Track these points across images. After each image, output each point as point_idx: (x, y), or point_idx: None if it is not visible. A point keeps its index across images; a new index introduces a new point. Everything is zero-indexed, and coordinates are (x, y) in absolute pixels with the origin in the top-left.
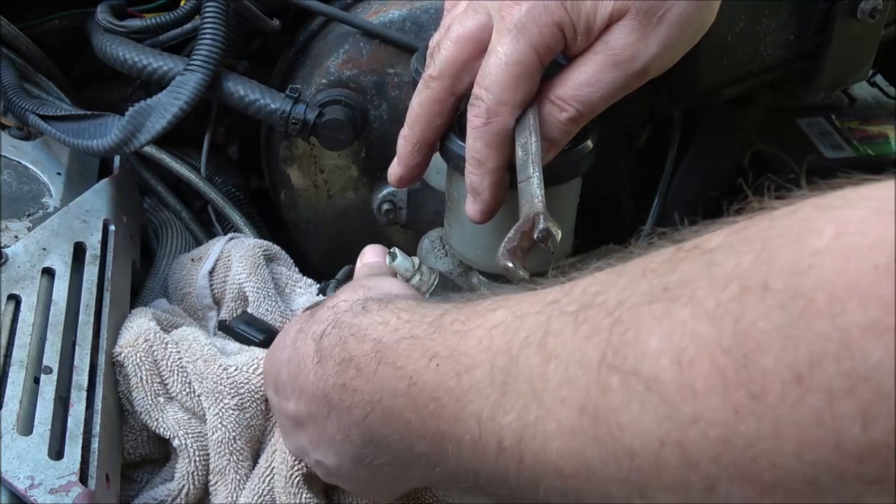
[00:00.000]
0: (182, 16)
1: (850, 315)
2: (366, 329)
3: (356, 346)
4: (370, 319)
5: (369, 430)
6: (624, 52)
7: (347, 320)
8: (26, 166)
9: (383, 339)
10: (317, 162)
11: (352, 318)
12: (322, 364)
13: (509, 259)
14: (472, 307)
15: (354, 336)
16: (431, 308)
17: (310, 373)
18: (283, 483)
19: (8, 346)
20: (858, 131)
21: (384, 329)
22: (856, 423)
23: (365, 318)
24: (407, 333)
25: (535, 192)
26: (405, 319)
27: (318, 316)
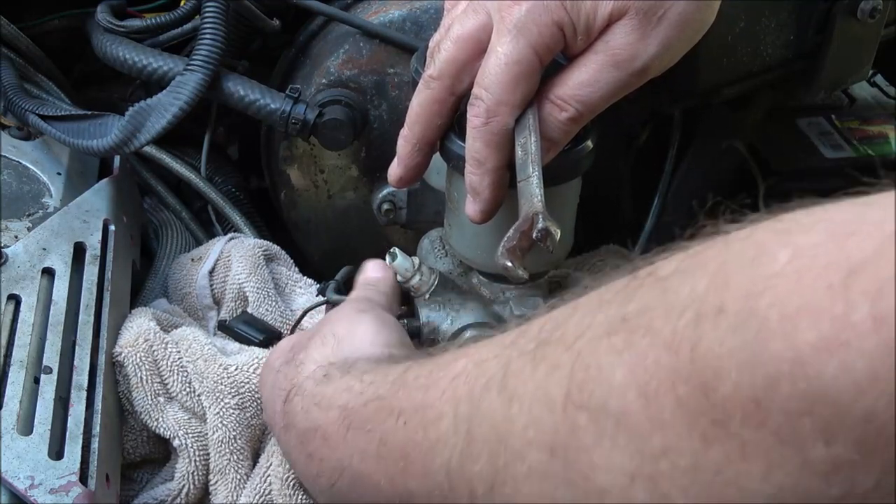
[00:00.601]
0: (182, 16)
1: (802, 334)
2: (330, 397)
3: (320, 415)
4: (333, 388)
5: (339, 494)
6: (624, 51)
7: (310, 389)
8: (26, 166)
9: (349, 404)
10: (317, 162)
11: (314, 386)
12: (287, 430)
13: (508, 259)
14: (434, 361)
15: (318, 406)
16: (393, 367)
17: (279, 427)
18: (280, 485)
19: (8, 346)
20: (858, 131)
21: (349, 395)
22: (818, 441)
23: (328, 386)
24: (372, 395)
25: (534, 192)
26: (368, 381)
27: (286, 371)
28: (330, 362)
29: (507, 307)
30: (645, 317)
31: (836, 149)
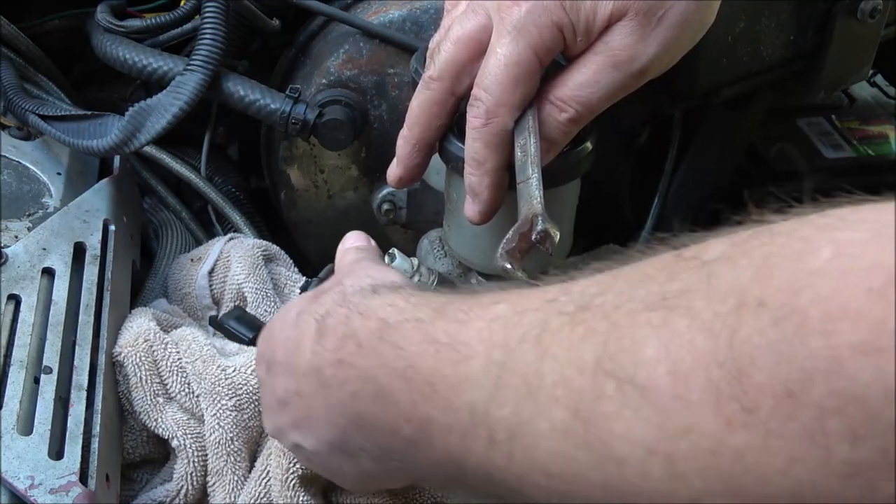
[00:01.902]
0: (182, 16)
1: (842, 335)
2: (373, 309)
3: (360, 323)
4: (379, 301)
5: (356, 409)
6: (623, 52)
7: (356, 300)
8: (26, 166)
9: (389, 318)
10: (317, 162)
11: (360, 298)
12: (321, 340)
13: (508, 260)
14: (477, 298)
15: (361, 314)
16: (438, 295)
17: (306, 350)
18: (280, 486)
19: (8, 346)
20: (858, 131)
21: (391, 310)
22: (844, 442)
23: (374, 299)
24: (411, 316)
25: (533, 194)
26: (412, 303)
27: (323, 298)
28: (377, 283)
29: None
30: (685, 297)
31: (836, 149)
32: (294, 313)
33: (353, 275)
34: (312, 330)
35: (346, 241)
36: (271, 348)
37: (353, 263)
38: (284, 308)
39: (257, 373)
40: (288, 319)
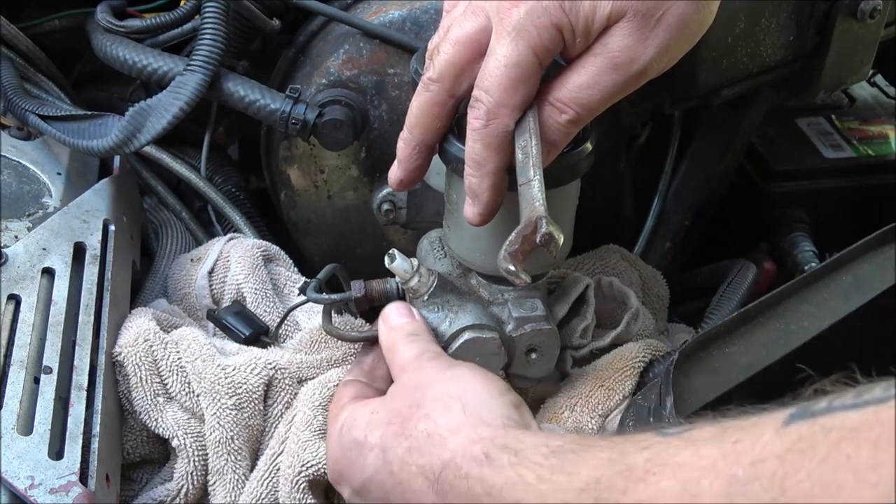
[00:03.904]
0: (182, 16)
1: None
2: (501, 490)
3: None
4: (503, 477)
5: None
6: (622, 54)
7: (473, 471)
8: (26, 166)
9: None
10: (317, 162)
11: (478, 469)
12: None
13: (511, 262)
14: (628, 470)
15: (489, 495)
16: (573, 464)
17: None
18: (289, 488)
19: (8, 346)
20: (858, 131)
21: (525, 491)
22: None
23: (494, 473)
24: (557, 500)
25: (536, 196)
26: (548, 480)
27: (418, 444)
28: (479, 435)
29: (506, 308)
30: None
31: (836, 149)
32: (374, 444)
33: (435, 400)
34: (425, 489)
35: (390, 317)
36: (353, 476)
37: (418, 366)
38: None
39: (336, 487)
40: (367, 448)
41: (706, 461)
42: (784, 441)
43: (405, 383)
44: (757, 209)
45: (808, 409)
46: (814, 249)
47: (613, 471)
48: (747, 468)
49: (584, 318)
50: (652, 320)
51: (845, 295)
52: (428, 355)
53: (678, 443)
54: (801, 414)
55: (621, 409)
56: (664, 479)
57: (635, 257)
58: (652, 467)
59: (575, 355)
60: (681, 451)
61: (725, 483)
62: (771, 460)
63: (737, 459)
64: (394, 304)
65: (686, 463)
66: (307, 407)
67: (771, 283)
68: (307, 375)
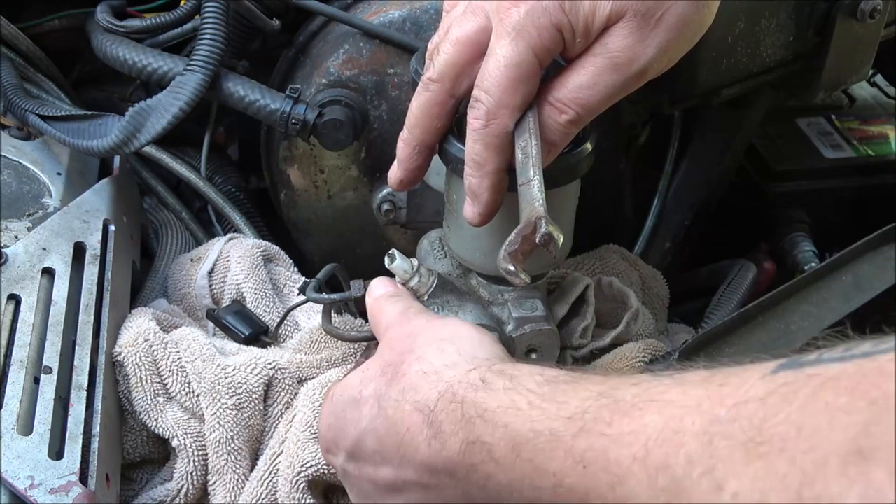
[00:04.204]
0: (182, 16)
1: None
2: (494, 412)
3: (485, 430)
4: (496, 400)
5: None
6: (622, 54)
7: (468, 396)
8: (26, 166)
9: (518, 428)
10: (317, 162)
11: (473, 393)
12: (437, 437)
13: (510, 262)
14: (616, 404)
15: (481, 418)
16: (564, 394)
17: (419, 444)
18: (288, 488)
19: (8, 346)
20: (858, 131)
21: (516, 415)
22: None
23: (489, 396)
24: (544, 427)
25: (535, 196)
26: (538, 406)
27: (413, 382)
28: (477, 365)
29: (506, 309)
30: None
31: (836, 149)
32: (368, 396)
33: (427, 344)
34: (418, 421)
35: (374, 290)
36: (353, 436)
37: (404, 321)
38: (345, 388)
39: (325, 459)
40: (362, 402)
41: (691, 400)
42: (768, 386)
43: (393, 336)
44: (757, 209)
45: (797, 360)
46: (814, 249)
47: (601, 403)
48: (729, 409)
49: (584, 318)
50: (652, 320)
51: (845, 295)
52: (413, 310)
53: (668, 381)
54: (789, 364)
55: None
56: (648, 415)
57: (635, 257)
58: (639, 402)
59: (575, 355)
60: (669, 389)
61: (707, 422)
62: (753, 403)
63: (721, 400)
64: (378, 279)
65: (672, 401)
66: (307, 407)
67: (771, 283)
68: (307, 375)
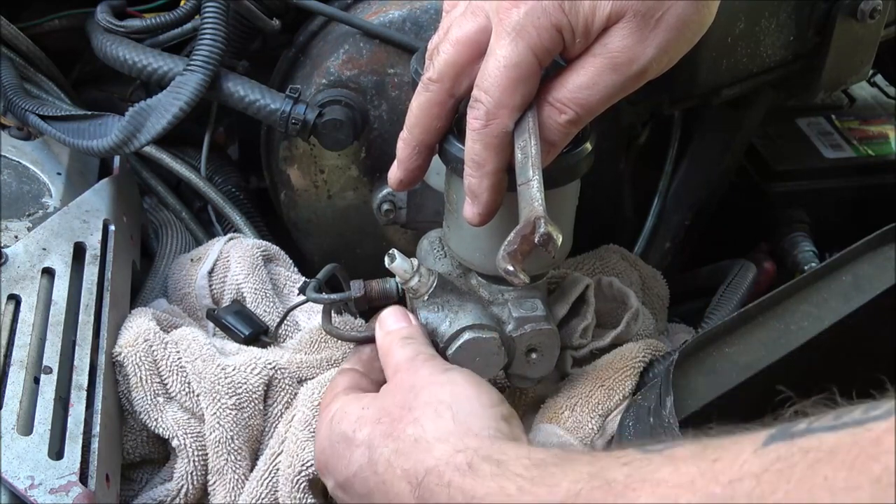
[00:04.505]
0: (182, 16)
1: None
2: (482, 499)
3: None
4: (484, 487)
5: None
6: (622, 54)
7: (455, 481)
8: (26, 166)
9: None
10: (317, 162)
11: (460, 478)
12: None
13: (509, 262)
14: (607, 485)
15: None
16: (553, 477)
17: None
18: (289, 488)
19: (8, 346)
20: (858, 131)
21: (506, 501)
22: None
23: (476, 483)
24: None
25: (535, 196)
26: (528, 491)
27: (404, 447)
28: (465, 445)
29: (506, 308)
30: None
31: (836, 149)
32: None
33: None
34: (407, 491)
35: (387, 322)
36: (338, 470)
37: (411, 369)
38: (342, 416)
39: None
40: (354, 444)
41: (685, 478)
42: (762, 461)
43: (398, 384)
44: (757, 209)
45: (787, 429)
46: (814, 249)
47: (593, 485)
48: (725, 486)
49: (584, 318)
50: (652, 320)
51: (845, 295)
52: (422, 357)
53: (658, 459)
54: (780, 434)
55: (621, 409)
56: (643, 495)
57: (635, 257)
58: (631, 483)
59: (575, 355)
60: (661, 467)
61: (703, 500)
62: (748, 479)
63: (715, 478)
64: (391, 309)
65: (665, 479)
66: (306, 407)
67: (771, 283)
68: (307, 375)
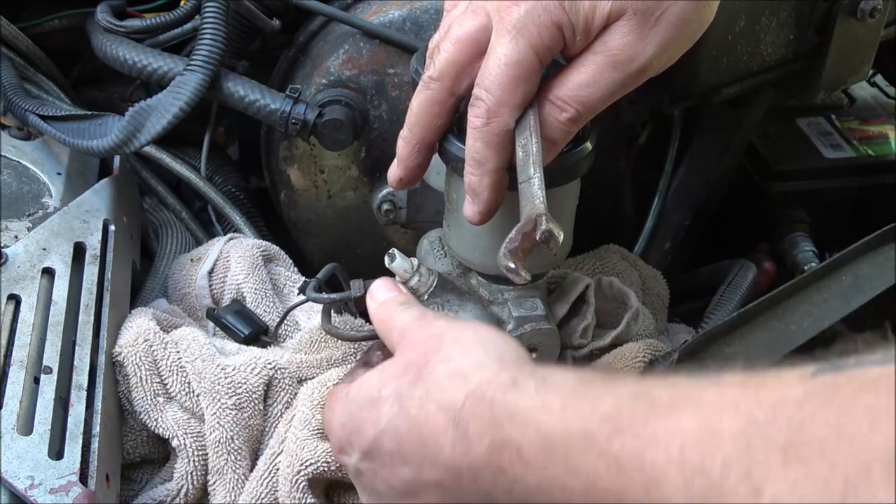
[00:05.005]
0: (182, 16)
1: None
2: (525, 413)
3: (515, 431)
4: (529, 402)
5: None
6: (622, 52)
7: (498, 397)
8: (26, 166)
9: (551, 428)
10: (317, 162)
11: (503, 394)
12: (465, 439)
13: (511, 260)
14: (652, 405)
15: (511, 419)
16: (599, 394)
17: (443, 445)
18: (288, 487)
19: (8, 346)
20: (858, 131)
21: (548, 415)
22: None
23: (520, 397)
24: (578, 427)
25: (536, 193)
26: (572, 406)
27: (438, 382)
28: (507, 367)
29: (506, 308)
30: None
31: (836, 149)
32: (388, 395)
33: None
34: (443, 421)
35: (377, 293)
36: (369, 436)
37: (423, 323)
38: (361, 386)
39: (336, 458)
40: (381, 401)
41: (728, 401)
42: (807, 387)
43: (415, 338)
44: (757, 209)
45: (836, 363)
46: (814, 249)
47: (637, 402)
48: (767, 410)
49: (585, 318)
50: (652, 320)
51: (845, 295)
52: (431, 314)
53: (705, 383)
54: (829, 367)
55: None
56: (685, 415)
57: (635, 257)
58: (676, 402)
59: (575, 355)
60: (706, 390)
61: (744, 423)
62: (791, 404)
63: (758, 402)
64: (380, 280)
65: (709, 402)
66: (306, 406)
67: (771, 283)
68: (307, 375)
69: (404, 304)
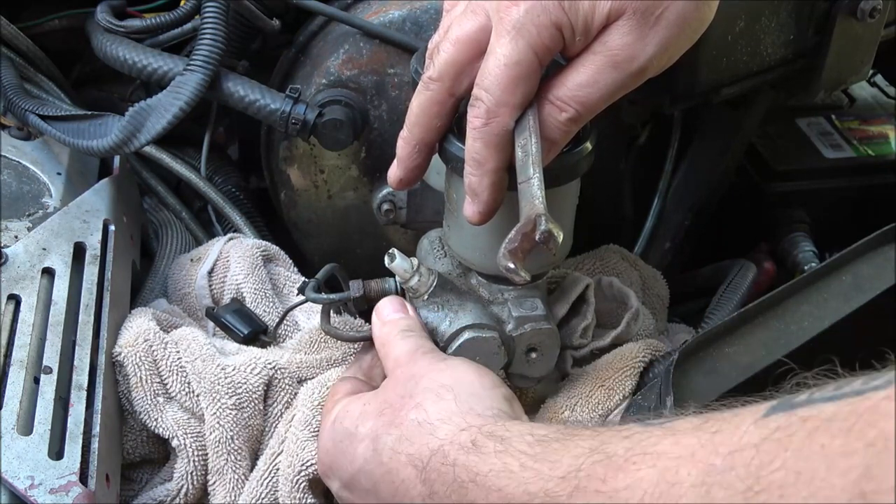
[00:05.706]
0: (182, 16)
1: None
2: (486, 477)
3: (478, 495)
4: (488, 464)
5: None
6: (622, 52)
7: (460, 459)
8: (26, 166)
9: (512, 492)
10: (317, 162)
11: (464, 456)
12: (433, 496)
13: (510, 260)
14: (608, 459)
15: (474, 482)
16: (556, 453)
17: (415, 497)
18: (289, 487)
19: (8, 346)
20: (858, 131)
21: (509, 479)
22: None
23: (480, 460)
24: (538, 489)
25: (535, 194)
26: (531, 468)
27: (408, 432)
28: (468, 423)
29: (506, 308)
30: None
31: (836, 149)
32: (365, 435)
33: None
34: (412, 477)
35: (384, 312)
36: (343, 468)
37: (411, 361)
38: (344, 415)
39: (322, 478)
40: (357, 439)
41: (685, 450)
42: (762, 431)
43: (398, 377)
44: (757, 209)
45: (788, 401)
46: (814, 249)
47: (594, 459)
48: (725, 457)
49: (585, 318)
50: (652, 320)
51: (845, 295)
52: (422, 350)
53: (659, 432)
54: (781, 406)
55: (621, 409)
56: (643, 468)
57: (635, 257)
58: (632, 456)
59: (575, 355)
60: (661, 440)
61: (703, 472)
62: (748, 450)
63: (715, 449)
64: (388, 299)
65: (665, 452)
66: (306, 406)
67: (771, 283)
68: (307, 375)
69: (405, 331)
